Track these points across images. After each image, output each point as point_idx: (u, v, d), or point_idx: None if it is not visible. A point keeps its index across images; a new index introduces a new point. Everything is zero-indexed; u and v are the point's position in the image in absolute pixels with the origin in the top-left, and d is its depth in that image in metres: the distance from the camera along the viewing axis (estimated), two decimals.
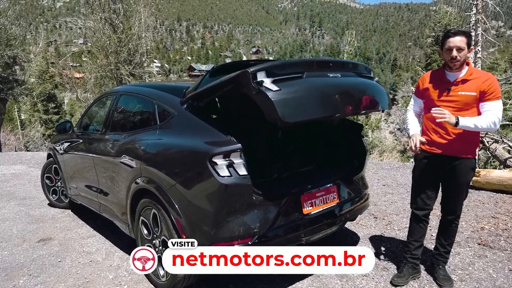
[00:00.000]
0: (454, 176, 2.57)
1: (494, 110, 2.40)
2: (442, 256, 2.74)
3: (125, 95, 3.56)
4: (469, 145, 2.54)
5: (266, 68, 2.09)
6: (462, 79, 2.47)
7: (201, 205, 2.32)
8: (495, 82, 2.44)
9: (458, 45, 2.40)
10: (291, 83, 2.14)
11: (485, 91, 2.40)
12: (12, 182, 6.48)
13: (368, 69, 2.86)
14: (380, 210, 4.26)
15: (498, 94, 2.42)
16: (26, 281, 2.97)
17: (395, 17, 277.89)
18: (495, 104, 2.41)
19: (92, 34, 12.49)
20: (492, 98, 2.41)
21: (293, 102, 2.09)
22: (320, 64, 2.50)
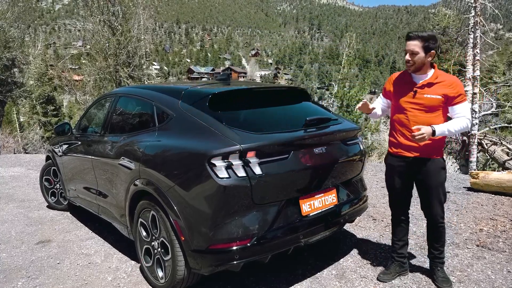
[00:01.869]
0: (426, 178, 2.59)
1: (463, 112, 2.48)
2: (437, 258, 2.73)
3: (124, 97, 3.56)
4: (436, 146, 2.56)
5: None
6: (428, 82, 2.51)
7: (199, 207, 2.32)
8: (460, 84, 2.51)
9: (411, 49, 2.45)
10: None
11: (452, 96, 2.46)
12: (10, 185, 6.47)
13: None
14: (379, 212, 4.26)
15: (465, 96, 2.52)
16: (25, 283, 2.97)
17: (394, 19, 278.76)
18: (463, 106, 2.50)
19: (91, 36, 12.50)
20: (461, 101, 2.48)
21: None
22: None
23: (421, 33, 2.44)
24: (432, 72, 2.53)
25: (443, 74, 2.54)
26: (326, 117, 2.89)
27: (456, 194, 4.85)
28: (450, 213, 4.15)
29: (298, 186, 2.53)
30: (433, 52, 2.46)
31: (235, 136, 2.32)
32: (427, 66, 2.52)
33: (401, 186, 2.71)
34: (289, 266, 3.02)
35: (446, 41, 20.69)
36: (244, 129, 2.42)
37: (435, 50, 2.46)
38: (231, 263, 2.30)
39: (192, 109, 2.65)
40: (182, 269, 2.48)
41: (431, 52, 2.45)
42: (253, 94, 3.02)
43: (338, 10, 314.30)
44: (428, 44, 2.43)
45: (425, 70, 2.52)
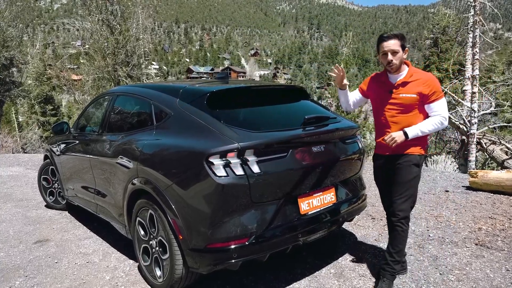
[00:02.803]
0: (395, 173, 2.59)
1: (439, 110, 2.46)
2: (388, 266, 2.60)
3: (122, 95, 3.55)
4: (412, 143, 2.53)
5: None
6: (403, 81, 2.51)
7: (197, 206, 2.31)
8: (435, 81, 2.48)
9: (392, 49, 2.44)
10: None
11: (427, 94, 2.44)
12: (9, 184, 6.46)
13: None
14: (377, 211, 4.26)
15: (440, 93, 2.48)
16: (23, 282, 2.96)
17: (393, 19, 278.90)
18: (439, 104, 2.47)
19: (90, 35, 12.47)
20: (436, 99, 2.46)
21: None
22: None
23: (395, 32, 2.49)
24: (406, 71, 2.53)
25: (418, 72, 2.54)
26: (325, 116, 2.89)
27: (455, 193, 4.85)
28: (449, 212, 4.15)
29: (297, 185, 2.52)
30: (407, 49, 2.50)
31: (233, 135, 2.31)
32: (403, 63, 2.53)
33: (385, 184, 2.74)
34: (287, 265, 3.01)
35: (446, 41, 20.72)
36: (242, 128, 2.40)
37: (407, 48, 2.52)
38: (229, 262, 2.29)
39: (190, 108, 2.63)
40: (180, 268, 2.47)
41: (406, 50, 2.50)
42: (252, 92, 3.01)
43: (337, 9, 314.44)
44: (403, 43, 2.48)
45: (400, 69, 2.53)
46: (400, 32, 2.51)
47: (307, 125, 2.67)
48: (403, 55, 2.49)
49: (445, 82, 17.96)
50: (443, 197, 4.72)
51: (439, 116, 2.46)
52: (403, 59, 2.51)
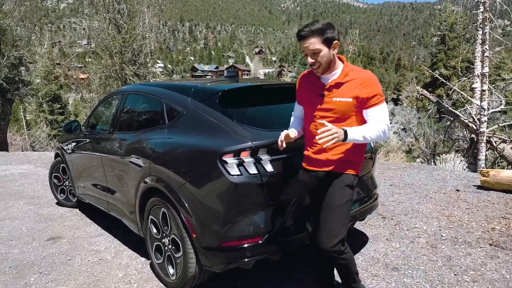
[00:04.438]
0: (326, 195, 2.11)
1: (379, 116, 1.99)
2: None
3: (132, 94, 3.56)
4: (349, 159, 2.09)
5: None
6: (336, 82, 2.02)
7: (211, 204, 2.31)
8: (375, 82, 2.01)
9: (311, 49, 1.95)
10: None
11: (365, 98, 1.98)
12: (20, 182, 6.52)
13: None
14: (388, 210, 4.24)
15: (382, 97, 2.01)
16: (37, 279, 2.99)
17: (399, 16, 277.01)
18: (379, 110, 2.00)
19: (97, 34, 12.53)
20: (376, 103, 1.99)
21: None
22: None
23: (313, 26, 1.94)
24: (340, 69, 2.04)
25: (355, 70, 2.04)
26: None
27: (466, 193, 4.81)
28: (461, 211, 4.12)
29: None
30: (336, 42, 1.97)
31: (246, 133, 2.32)
32: (335, 62, 2.03)
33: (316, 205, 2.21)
34: (298, 263, 3.01)
35: (454, 38, 20.53)
36: (255, 126, 2.41)
37: (337, 40, 1.99)
38: (242, 261, 2.29)
39: (202, 106, 2.64)
40: (193, 266, 2.48)
41: (334, 43, 1.97)
42: (263, 91, 3.00)
43: (342, 7, 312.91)
44: (327, 36, 1.94)
45: (333, 68, 2.03)
46: (321, 23, 1.95)
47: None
48: (331, 52, 1.98)
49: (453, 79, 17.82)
50: (454, 197, 4.68)
51: (383, 123, 1.98)
52: (332, 56, 1.99)
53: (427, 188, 5.11)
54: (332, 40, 1.96)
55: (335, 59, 2.03)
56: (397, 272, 2.85)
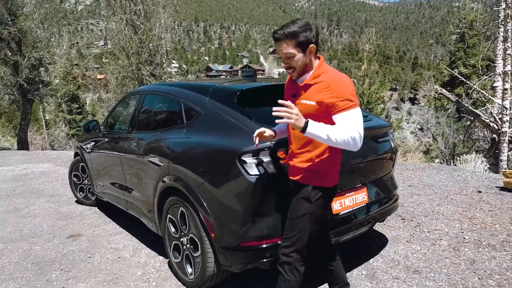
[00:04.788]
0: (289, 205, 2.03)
1: (349, 123, 1.76)
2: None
3: (151, 94, 3.59)
4: (311, 167, 1.93)
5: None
6: (305, 83, 1.91)
7: (230, 204, 2.31)
8: (343, 86, 1.81)
9: (284, 53, 1.85)
10: None
11: (329, 103, 1.80)
12: (40, 180, 6.67)
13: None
14: (407, 212, 4.16)
15: (350, 103, 1.78)
16: (58, 275, 3.04)
17: (416, 14, 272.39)
18: (348, 115, 1.77)
19: (114, 35, 12.71)
20: (343, 109, 1.78)
21: None
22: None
23: (287, 28, 1.82)
24: (313, 70, 1.91)
25: (327, 72, 1.88)
26: None
27: (489, 194, 4.68)
28: (484, 213, 4.01)
29: None
30: (312, 46, 1.85)
31: None
32: (312, 64, 1.91)
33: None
34: (316, 264, 2.97)
35: (473, 36, 20.04)
36: (274, 126, 2.38)
37: (314, 43, 1.85)
38: (261, 261, 2.28)
39: (220, 106, 2.63)
40: (212, 265, 2.48)
41: (311, 47, 1.85)
42: (281, 90, 2.97)
43: (357, 5, 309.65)
44: (301, 40, 1.82)
45: (309, 70, 1.91)
46: (296, 25, 1.82)
47: None
48: (308, 56, 1.87)
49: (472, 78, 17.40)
50: (476, 198, 4.56)
51: (354, 130, 1.74)
52: (309, 59, 1.88)
53: (447, 189, 4.99)
54: (308, 44, 1.83)
55: (311, 62, 1.90)
56: (419, 275, 2.79)
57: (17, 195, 5.67)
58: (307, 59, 1.87)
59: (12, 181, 6.67)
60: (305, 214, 1.95)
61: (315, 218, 1.97)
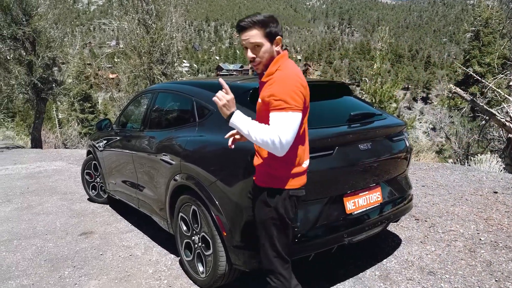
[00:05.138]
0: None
1: (274, 124, 1.65)
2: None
3: (163, 92, 3.60)
4: (265, 168, 1.85)
5: None
6: (261, 81, 1.85)
7: (242, 202, 2.28)
8: (279, 86, 1.69)
9: (251, 42, 1.76)
10: None
11: (266, 101, 1.73)
12: (53, 178, 6.76)
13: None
14: (421, 212, 4.09)
15: (286, 105, 1.65)
16: (71, 272, 3.07)
17: (429, 12, 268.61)
18: (277, 117, 1.66)
19: (126, 35, 12.82)
20: (274, 109, 1.68)
21: None
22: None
23: (255, 17, 1.76)
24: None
25: (281, 69, 1.77)
26: (371, 112, 2.79)
27: (505, 195, 4.57)
28: (500, 214, 3.91)
29: (343, 183, 2.45)
30: (279, 38, 1.79)
31: None
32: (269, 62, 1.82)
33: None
34: (329, 264, 2.94)
35: (488, 33, 19.65)
36: None
37: (281, 35, 1.81)
38: None
39: None
40: (223, 264, 2.46)
41: (278, 39, 1.79)
42: None
43: (369, 4, 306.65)
44: (270, 29, 1.76)
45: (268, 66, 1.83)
46: (263, 15, 1.77)
47: (353, 122, 2.59)
48: (274, 48, 1.79)
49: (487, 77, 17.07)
50: (491, 199, 4.46)
51: (275, 133, 1.62)
52: (274, 52, 1.80)
53: (462, 189, 4.90)
54: (276, 35, 1.78)
55: (276, 55, 1.82)
56: (434, 277, 2.74)
57: (31, 192, 5.75)
58: (274, 52, 1.80)
59: (26, 178, 6.77)
60: (267, 220, 1.83)
61: (281, 222, 1.82)
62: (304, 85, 1.75)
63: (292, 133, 1.65)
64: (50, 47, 12.39)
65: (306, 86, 1.77)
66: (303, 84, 1.73)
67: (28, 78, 11.71)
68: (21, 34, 11.17)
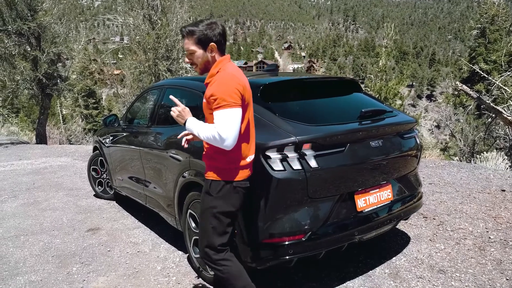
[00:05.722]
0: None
1: (216, 121, 1.87)
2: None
3: (171, 88, 3.57)
4: (210, 162, 2.06)
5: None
6: (205, 83, 2.07)
7: (253, 200, 2.27)
8: (218, 86, 1.90)
9: (186, 49, 2.02)
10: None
11: (207, 101, 1.98)
12: (59, 174, 6.76)
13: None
14: (429, 210, 4.06)
15: (224, 102, 1.85)
16: (79, 269, 3.07)
17: (434, 9, 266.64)
18: (218, 114, 1.87)
19: (131, 30, 12.79)
20: (215, 108, 1.88)
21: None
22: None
23: (189, 26, 1.99)
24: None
25: (220, 71, 1.98)
26: (381, 109, 2.76)
27: None
28: (509, 212, 3.88)
29: (354, 181, 2.43)
30: (212, 45, 1.96)
31: (290, 128, 2.25)
32: (214, 63, 2.02)
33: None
34: (338, 262, 2.92)
35: (495, 31, 19.45)
36: (299, 121, 2.33)
37: (215, 42, 1.97)
38: (284, 258, 2.24)
39: None
40: None
41: (211, 45, 1.96)
42: (304, 85, 2.92)
43: (374, 0, 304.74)
44: (200, 38, 1.96)
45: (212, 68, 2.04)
46: (197, 24, 1.98)
47: (364, 118, 2.56)
48: (208, 53, 1.99)
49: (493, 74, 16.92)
50: (499, 197, 4.42)
51: (215, 129, 1.85)
52: (211, 57, 2.00)
53: (469, 187, 4.86)
54: (207, 42, 1.96)
55: (214, 60, 2.02)
56: (444, 275, 2.71)
57: (37, 188, 5.76)
58: (208, 57, 1.99)
59: (32, 174, 6.79)
60: (207, 209, 2.02)
61: (221, 213, 2.00)
62: (242, 84, 1.93)
63: (233, 127, 1.85)
64: (55, 42, 12.39)
65: (245, 85, 1.97)
66: (240, 83, 1.92)
67: (34, 73, 11.71)
68: (26, 30, 11.16)
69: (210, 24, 1.98)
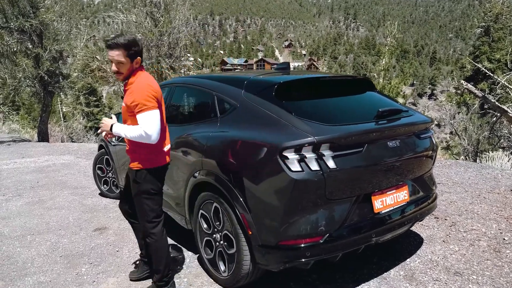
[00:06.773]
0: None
1: (140, 122, 2.25)
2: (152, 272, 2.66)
3: (180, 87, 3.52)
4: (133, 155, 2.45)
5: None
6: (125, 89, 2.41)
7: (270, 201, 2.22)
8: (141, 92, 2.27)
9: (117, 59, 2.30)
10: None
11: (130, 105, 2.31)
12: (63, 172, 6.71)
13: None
14: (440, 210, 4.01)
15: (145, 106, 2.24)
16: (88, 269, 3.02)
17: (435, 7, 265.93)
18: (141, 117, 2.25)
19: (134, 28, 12.70)
20: (138, 111, 2.26)
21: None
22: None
23: (120, 39, 2.28)
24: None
25: (139, 78, 2.36)
26: (398, 109, 2.71)
27: None
28: None
29: (371, 182, 2.37)
30: (138, 59, 2.36)
31: (307, 128, 2.20)
32: (135, 71, 2.40)
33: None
34: (353, 264, 2.88)
35: (499, 29, 19.35)
36: (316, 120, 2.28)
37: (140, 56, 2.37)
38: (300, 261, 2.19)
39: (257, 99, 2.54)
40: (247, 263, 2.40)
41: (137, 59, 2.35)
42: (319, 83, 2.87)
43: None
44: (132, 52, 2.31)
45: (132, 76, 2.40)
46: (128, 38, 2.30)
47: (380, 118, 2.51)
48: (134, 65, 2.35)
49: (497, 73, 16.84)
50: (510, 197, 4.38)
51: (141, 129, 2.24)
52: (135, 67, 2.37)
53: (478, 187, 4.81)
54: (136, 56, 2.33)
55: (136, 71, 2.38)
56: (461, 277, 2.67)
57: (41, 186, 5.71)
58: (133, 67, 2.36)
59: (35, 172, 6.74)
60: (137, 193, 2.45)
61: (150, 193, 2.44)
62: (155, 90, 2.34)
63: (155, 124, 2.26)
64: (57, 40, 12.31)
65: (158, 91, 2.37)
66: (154, 90, 2.33)
67: (36, 71, 11.65)
68: (28, 27, 11.09)
69: (135, 40, 2.33)
